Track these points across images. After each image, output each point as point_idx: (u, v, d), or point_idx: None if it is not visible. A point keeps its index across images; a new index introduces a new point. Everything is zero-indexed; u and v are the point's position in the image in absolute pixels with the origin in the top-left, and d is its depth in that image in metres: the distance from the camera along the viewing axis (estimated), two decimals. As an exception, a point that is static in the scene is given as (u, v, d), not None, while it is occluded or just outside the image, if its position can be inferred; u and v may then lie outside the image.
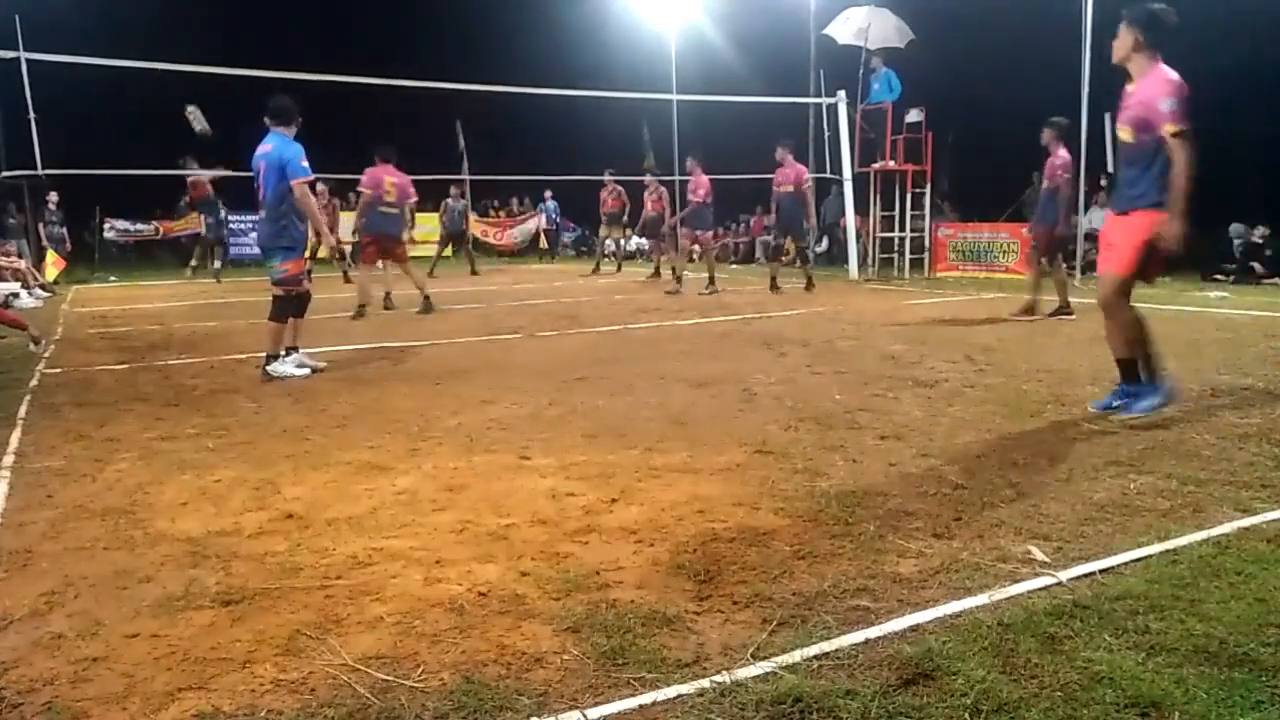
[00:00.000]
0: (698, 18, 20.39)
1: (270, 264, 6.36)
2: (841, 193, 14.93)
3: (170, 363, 6.86)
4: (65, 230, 16.77)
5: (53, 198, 16.24)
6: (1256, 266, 12.43)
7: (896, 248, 14.60)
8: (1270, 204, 13.05)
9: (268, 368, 6.10)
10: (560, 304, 11.09)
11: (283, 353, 6.23)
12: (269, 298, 6.37)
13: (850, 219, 14.75)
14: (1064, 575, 2.58)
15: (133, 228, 20.21)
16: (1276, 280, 12.06)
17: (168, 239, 20.53)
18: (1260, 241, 12.67)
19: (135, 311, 10.84)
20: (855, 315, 9.23)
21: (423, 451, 4.13)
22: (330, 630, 2.36)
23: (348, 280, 10.10)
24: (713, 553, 2.81)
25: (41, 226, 16.22)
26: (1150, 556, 2.70)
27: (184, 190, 18.24)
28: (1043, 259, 9.10)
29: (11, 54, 9.94)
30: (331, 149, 8.90)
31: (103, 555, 2.93)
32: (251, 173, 6.35)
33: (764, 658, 2.15)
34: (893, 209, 14.46)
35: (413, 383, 5.88)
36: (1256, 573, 2.56)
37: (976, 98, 16.57)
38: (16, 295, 11.99)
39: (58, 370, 6.56)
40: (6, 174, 12.65)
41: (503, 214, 24.16)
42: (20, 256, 14.25)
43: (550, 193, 23.33)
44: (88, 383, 6.06)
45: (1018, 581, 2.55)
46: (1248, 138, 14.43)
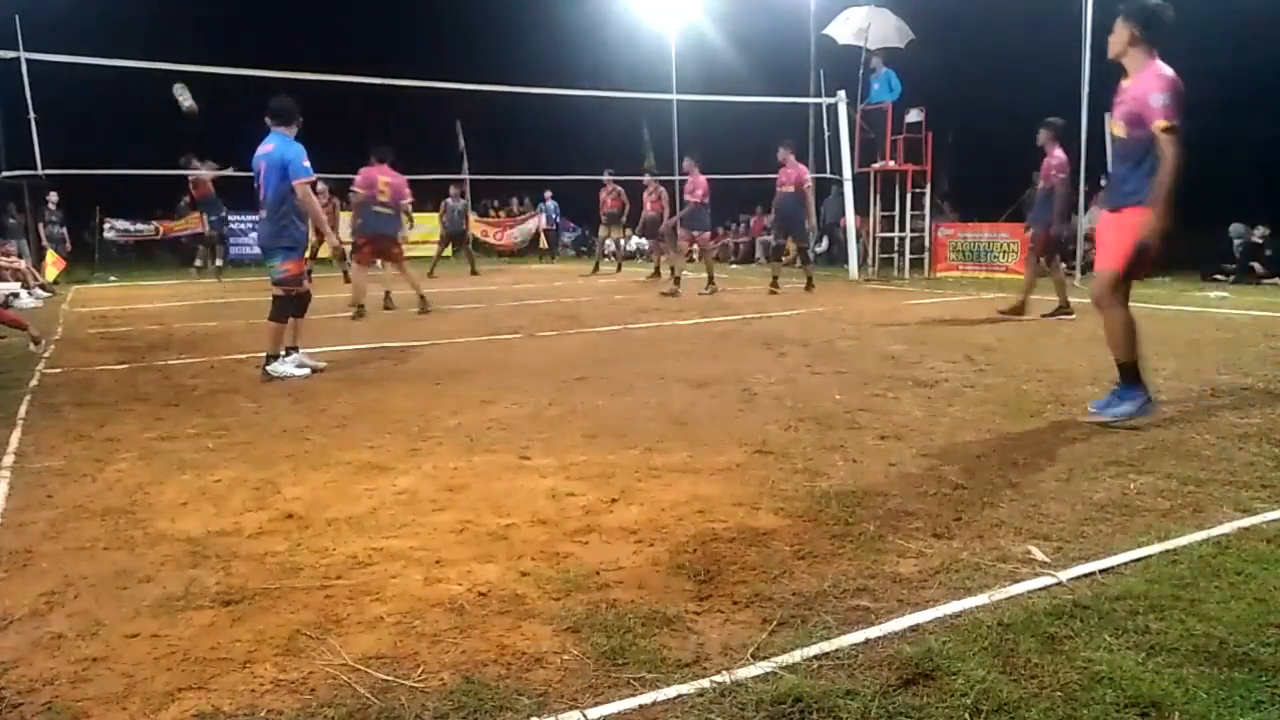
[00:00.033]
0: (698, 18, 20.41)
1: (270, 264, 6.37)
2: (841, 193, 14.93)
3: (170, 363, 6.86)
4: (65, 230, 16.77)
5: (52, 198, 16.24)
6: (1256, 266, 12.43)
7: (896, 248, 14.61)
8: (1270, 204, 13.05)
9: (268, 368, 6.10)
10: (560, 304, 11.09)
11: (283, 353, 6.24)
12: (269, 298, 6.38)
13: (850, 219, 14.75)
14: (1064, 575, 2.57)
15: (133, 228, 20.21)
16: (1276, 280, 12.05)
17: (168, 239, 20.54)
18: (1260, 241, 12.67)
19: (135, 311, 10.84)
20: (855, 315, 9.23)
21: (423, 451, 4.13)
22: (330, 630, 2.36)
23: (348, 280, 10.09)
24: (713, 553, 2.81)
25: (41, 226, 16.22)
26: (1150, 556, 2.70)
27: (184, 190, 18.26)
28: (1040, 260, 9.11)
29: (11, 54, 9.94)
30: (332, 149, 8.90)
31: (103, 555, 2.93)
32: (252, 173, 6.36)
33: (764, 658, 2.15)
34: (893, 209, 14.46)
35: (413, 383, 5.89)
36: (1256, 573, 2.56)
37: (976, 98, 16.58)
38: (16, 295, 11.99)
39: (58, 370, 6.56)
40: (6, 174, 12.65)
41: (503, 214, 24.17)
42: (20, 256, 14.25)
43: (550, 193, 23.34)
44: (88, 383, 6.06)
45: (1018, 581, 2.55)
46: (1248, 138, 14.44)
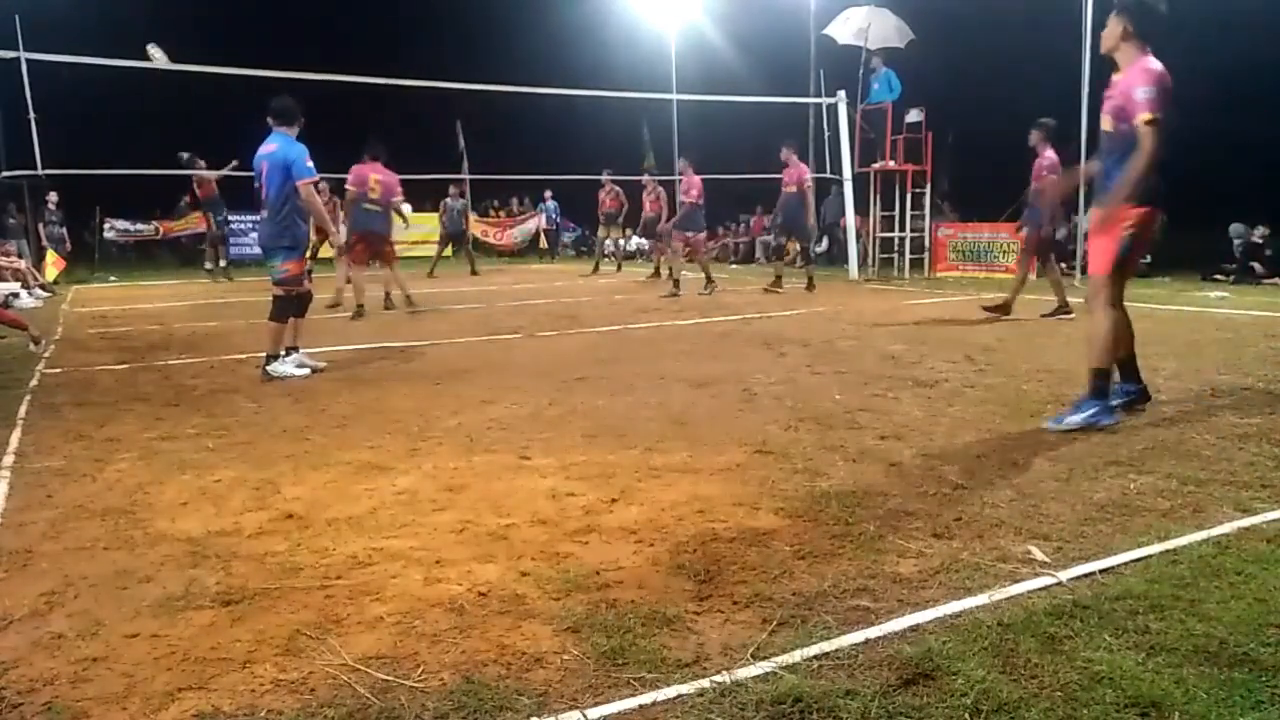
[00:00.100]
0: (698, 18, 20.41)
1: (271, 264, 6.36)
2: (841, 193, 14.92)
3: (170, 363, 6.86)
4: (65, 230, 16.77)
5: (52, 198, 16.23)
6: (1256, 266, 12.43)
7: (896, 248, 14.61)
8: (1270, 204, 13.06)
9: (268, 368, 6.10)
10: (560, 304, 11.09)
11: (283, 353, 6.24)
12: (269, 297, 6.38)
13: (850, 219, 14.75)
14: (1064, 575, 2.58)
15: (133, 228, 20.20)
16: (1276, 280, 12.05)
17: (168, 239, 20.53)
18: (1260, 241, 12.66)
19: (135, 311, 10.84)
20: (855, 315, 9.23)
21: (423, 451, 4.13)
22: (330, 630, 2.36)
23: (348, 281, 10.09)
24: (713, 553, 2.81)
25: (41, 226, 16.21)
26: (1150, 556, 2.70)
27: (184, 190, 18.26)
28: (1035, 261, 9.11)
29: (11, 54, 9.95)
30: (332, 149, 8.89)
31: (103, 555, 2.93)
32: (253, 172, 6.36)
33: (764, 658, 2.15)
34: (893, 209, 14.46)
35: (413, 383, 5.88)
36: (1256, 573, 2.56)
37: (976, 98, 16.59)
38: (16, 295, 11.98)
39: (58, 370, 6.56)
40: (6, 174, 12.64)
41: (503, 214, 24.16)
42: (20, 256, 14.24)
43: (550, 193, 23.34)
44: (88, 383, 6.06)
45: (1018, 581, 2.55)
46: (1248, 138, 14.45)
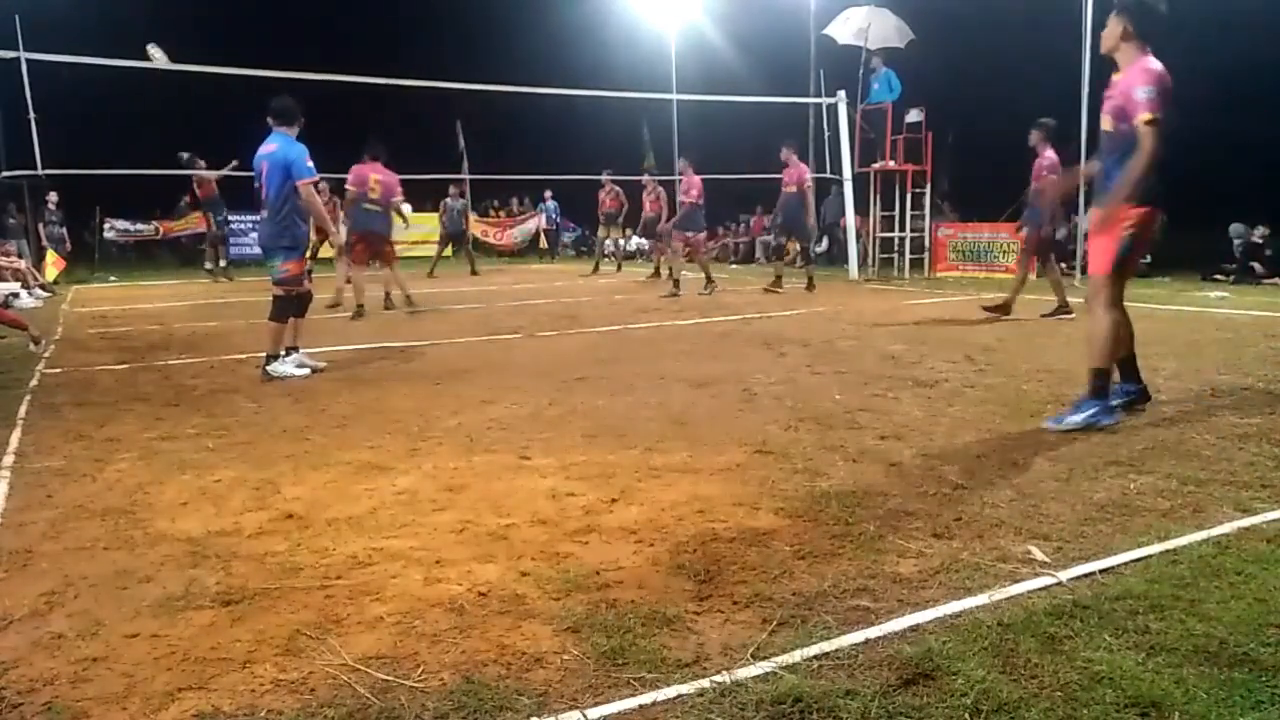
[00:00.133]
0: (698, 18, 20.41)
1: (271, 264, 6.36)
2: (841, 193, 14.93)
3: (170, 363, 6.86)
4: (65, 230, 16.76)
5: (52, 198, 16.23)
6: (1256, 266, 12.43)
7: (896, 248, 14.61)
8: (1270, 204, 13.06)
9: (268, 368, 6.10)
10: (560, 304, 11.08)
11: (283, 353, 6.24)
12: (269, 297, 6.38)
13: (850, 219, 14.75)
14: (1064, 575, 2.58)
15: (133, 228, 20.19)
16: (1276, 280, 12.05)
17: (168, 239, 20.52)
18: (1260, 241, 12.66)
19: (135, 311, 10.84)
20: (855, 315, 9.23)
21: (423, 451, 4.13)
22: (330, 630, 2.36)
23: (348, 280, 10.09)
24: (713, 553, 2.81)
25: (41, 226, 16.21)
26: (1150, 556, 2.70)
27: (183, 190, 18.25)
28: (1035, 261, 9.10)
29: (11, 54, 9.94)
30: (331, 149, 8.89)
31: (103, 555, 2.93)
32: (253, 172, 6.36)
33: (764, 658, 2.15)
34: (893, 209, 14.46)
35: (413, 383, 5.88)
36: (1256, 573, 2.56)
37: (976, 98, 16.60)
38: (16, 295, 11.98)
39: (58, 370, 6.56)
40: (6, 174, 12.64)
41: (503, 214, 24.16)
42: (20, 256, 14.24)
43: (550, 193, 23.34)
44: (88, 383, 6.06)
45: (1018, 581, 2.55)
46: (1248, 138, 14.45)
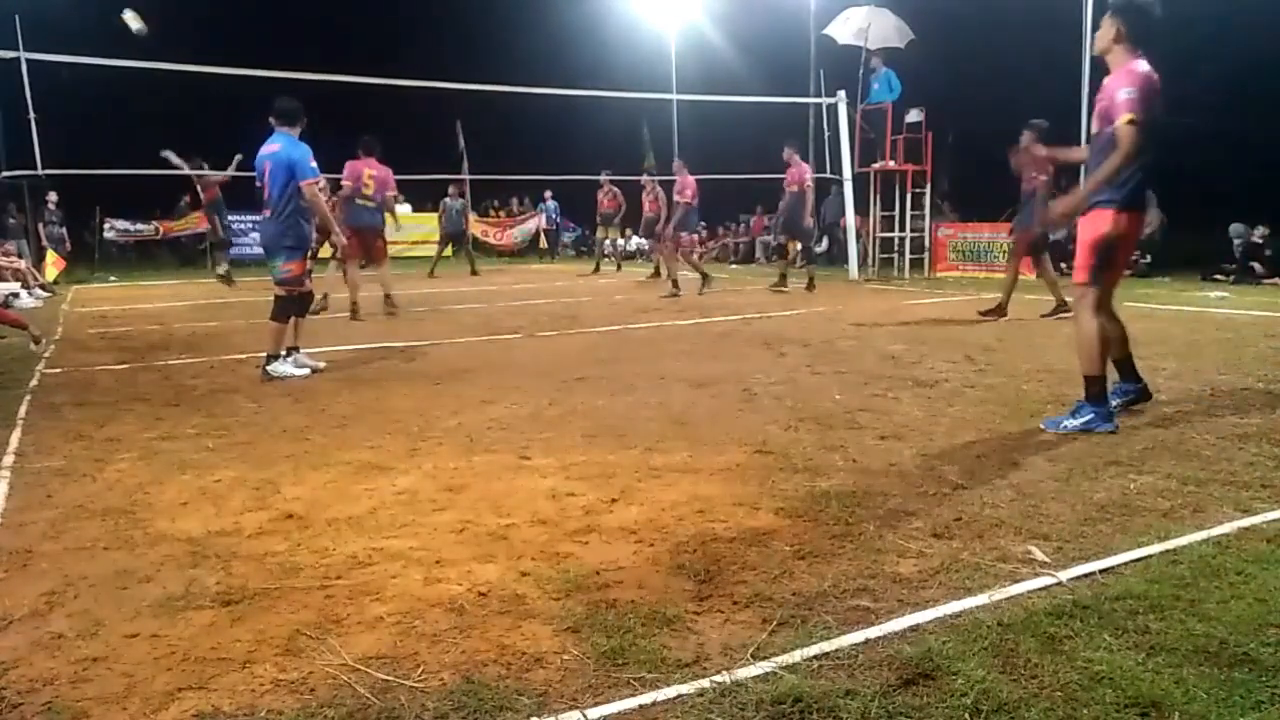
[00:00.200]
0: (698, 18, 20.43)
1: (273, 263, 6.36)
2: (841, 193, 14.93)
3: (170, 363, 6.86)
4: (65, 230, 16.77)
5: (52, 197, 16.24)
6: (1256, 266, 12.42)
7: (896, 248, 14.61)
8: (1270, 204, 13.05)
9: (268, 368, 6.10)
10: (560, 304, 11.08)
11: (283, 353, 6.24)
12: (270, 297, 6.37)
13: (850, 219, 14.75)
14: (1064, 575, 2.58)
15: (133, 228, 20.19)
16: (1276, 280, 12.05)
17: (168, 239, 20.53)
18: (1260, 241, 12.66)
19: (135, 311, 10.84)
20: (855, 315, 9.22)
21: (423, 451, 4.13)
22: (330, 630, 2.36)
23: (344, 279, 10.07)
24: (713, 553, 2.81)
25: (41, 226, 16.21)
26: (1150, 556, 2.70)
27: (184, 190, 18.24)
28: (1028, 262, 9.08)
29: (11, 54, 9.94)
30: (331, 149, 8.89)
31: (103, 555, 2.93)
32: (255, 172, 6.36)
33: (764, 658, 2.15)
34: (893, 209, 14.46)
35: (413, 383, 5.88)
36: (1256, 573, 2.56)
37: (976, 98, 16.58)
38: (16, 295, 11.98)
39: (58, 370, 6.56)
40: (6, 174, 12.64)
41: (503, 214, 24.17)
42: (20, 256, 14.25)
43: (550, 193, 23.35)
44: (88, 383, 6.06)
45: (1018, 581, 2.55)
46: (1248, 138, 14.45)
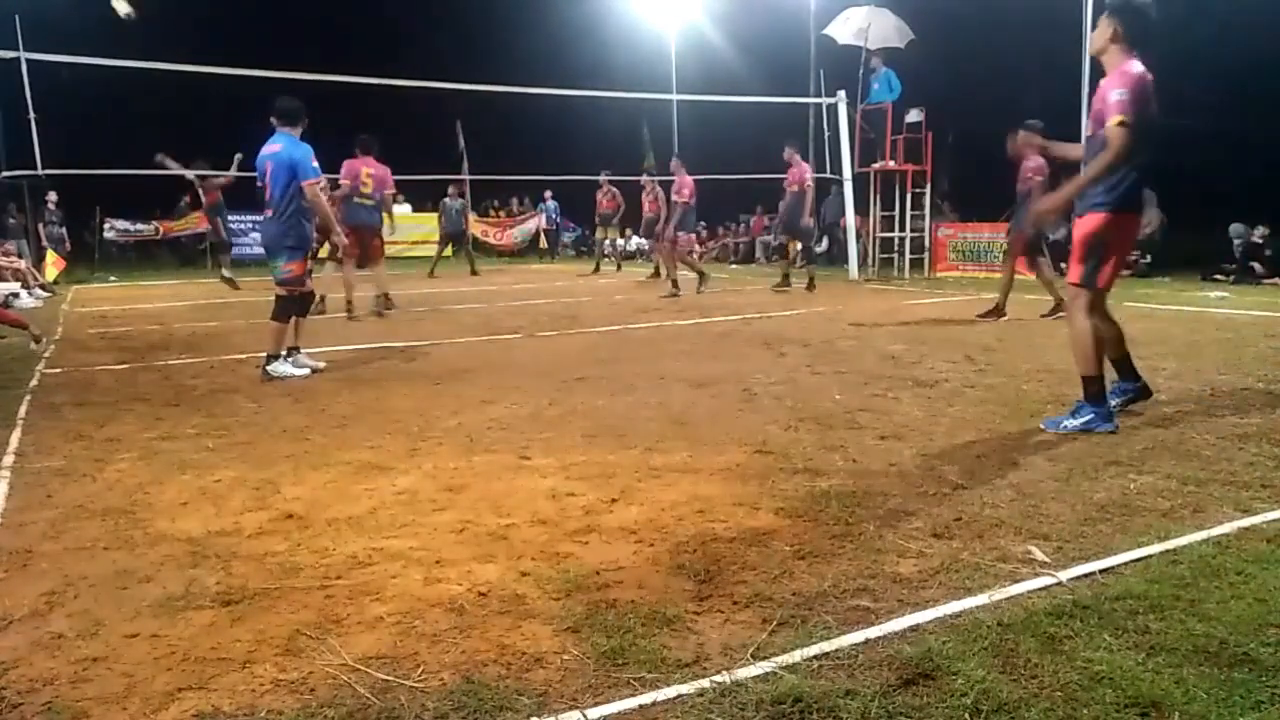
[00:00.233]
0: (698, 18, 20.42)
1: (275, 264, 6.35)
2: (841, 193, 14.93)
3: (170, 363, 6.86)
4: (65, 230, 16.77)
5: (51, 197, 16.23)
6: (1256, 266, 12.43)
7: (896, 248, 14.61)
8: (1270, 204, 13.05)
9: (268, 368, 6.10)
10: (560, 304, 11.09)
11: (284, 353, 6.24)
12: (270, 298, 6.37)
13: (850, 219, 14.75)
14: (1064, 575, 2.57)
15: (133, 228, 20.19)
16: (1276, 280, 12.06)
17: (168, 239, 20.53)
18: (1260, 241, 12.67)
19: (135, 311, 10.84)
20: (855, 315, 9.23)
21: (423, 451, 4.13)
22: (330, 630, 2.36)
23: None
24: (713, 553, 2.81)
25: (41, 226, 16.21)
26: (1150, 556, 2.70)
27: (184, 190, 18.23)
28: (1019, 262, 9.06)
29: (11, 54, 9.94)
30: (330, 149, 8.90)
31: (103, 555, 2.92)
32: (256, 173, 6.35)
33: (764, 658, 2.15)
34: (893, 209, 14.47)
35: (413, 383, 5.88)
36: (1256, 573, 2.56)
37: (976, 98, 16.57)
38: (16, 295, 11.99)
39: (58, 370, 6.56)
40: (6, 174, 12.64)
41: (502, 214, 24.17)
42: (20, 256, 14.25)
43: (550, 193, 23.36)
44: (88, 383, 6.06)
45: (1018, 581, 2.55)
46: (1248, 138, 14.44)
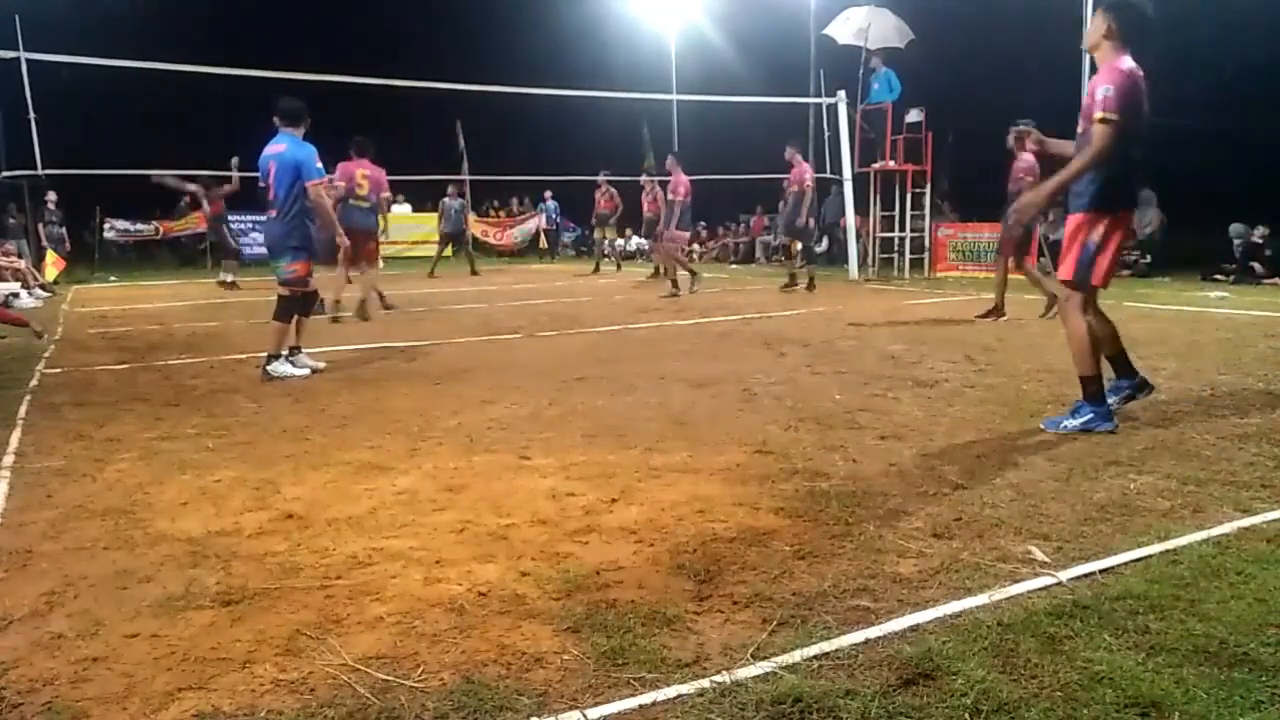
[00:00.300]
0: (698, 18, 20.43)
1: (278, 264, 6.35)
2: (841, 193, 14.93)
3: (170, 363, 6.86)
4: (65, 230, 16.76)
5: (51, 197, 16.22)
6: (1256, 266, 12.43)
7: (896, 248, 14.61)
8: (1270, 204, 13.06)
9: (268, 367, 6.10)
10: (560, 304, 11.09)
11: (284, 353, 6.23)
12: (273, 297, 6.37)
13: (850, 219, 14.75)
14: (1064, 575, 2.57)
15: (133, 228, 20.18)
16: (1276, 280, 12.06)
17: (168, 239, 20.52)
18: (1260, 241, 12.67)
19: (135, 311, 10.84)
20: (855, 315, 9.23)
21: (423, 451, 4.13)
22: (330, 630, 2.36)
23: (349, 280, 10.08)
24: (713, 553, 2.81)
25: (41, 226, 16.20)
26: (1150, 556, 2.70)
27: (183, 190, 18.23)
28: (1013, 262, 9.07)
29: (11, 54, 9.95)
30: (330, 149, 8.90)
31: (103, 555, 2.92)
32: (259, 173, 6.34)
33: (764, 658, 2.15)
34: (893, 209, 14.47)
35: (413, 383, 5.88)
36: (1256, 573, 2.56)
37: (976, 98, 16.58)
38: (16, 295, 11.98)
39: (58, 370, 6.56)
40: (6, 174, 12.65)
41: (502, 214, 24.18)
42: (20, 256, 14.24)
43: (550, 193, 23.36)
44: (88, 383, 6.06)
45: (1018, 581, 2.55)
46: (1248, 138, 14.45)
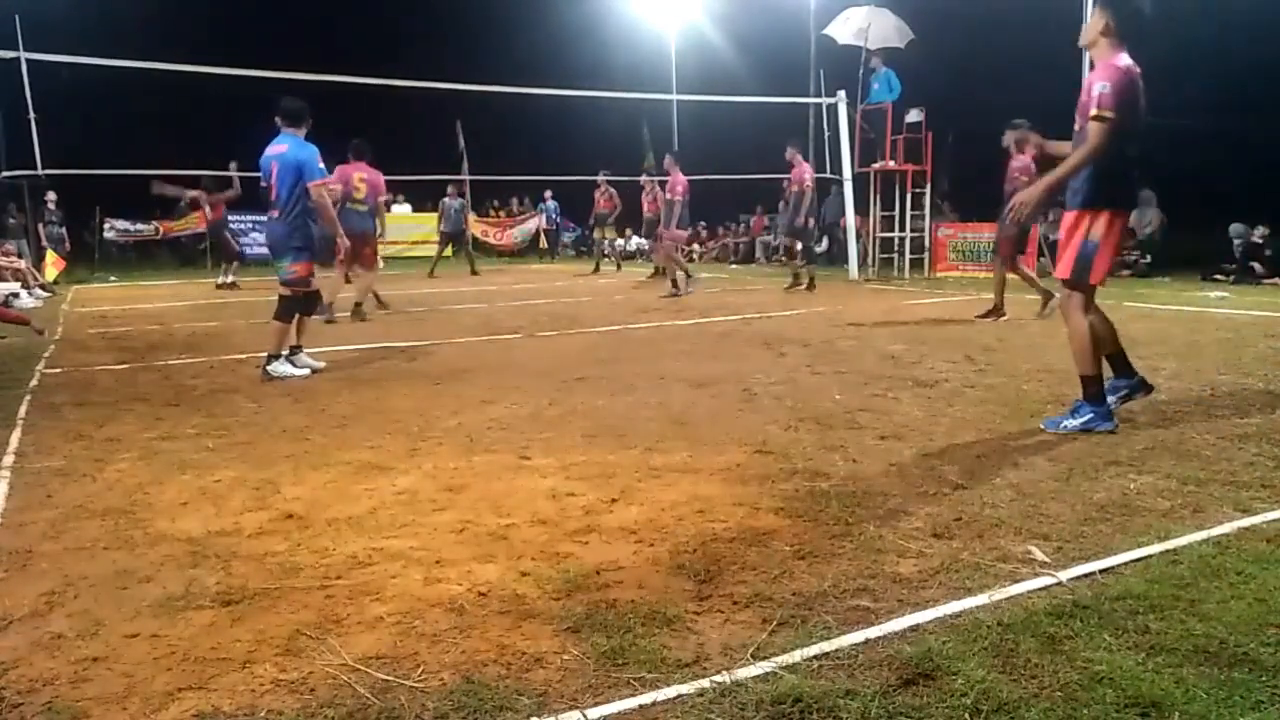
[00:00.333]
0: (698, 18, 20.44)
1: (280, 264, 6.35)
2: (841, 193, 14.94)
3: (170, 363, 6.86)
4: (65, 230, 16.77)
5: (51, 197, 16.22)
6: (1256, 266, 12.43)
7: (896, 248, 14.62)
8: (1270, 204, 13.06)
9: (268, 367, 6.10)
10: (560, 304, 11.09)
11: (285, 353, 6.23)
12: (273, 297, 6.37)
13: (850, 219, 14.76)
14: (1064, 575, 2.57)
15: (133, 228, 20.18)
16: (1276, 280, 12.06)
17: (168, 239, 20.52)
18: (1260, 241, 12.67)
19: (135, 311, 10.84)
20: (855, 315, 9.23)
21: (423, 451, 4.13)
22: (330, 630, 2.36)
23: (348, 281, 10.09)
24: (713, 553, 2.81)
25: (41, 226, 16.21)
26: (1150, 556, 2.70)
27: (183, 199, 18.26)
28: (1007, 262, 9.07)
29: (11, 54, 9.95)
30: (330, 149, 8.91)
31: (103, 555, 2.92)
32: (260, 173, 6.34)
33: (764, 658, 2.15)
34: (893, 209, 14.47)
35: (413, 383, 5.88)
36: (1256, 573, 2.56)
37: (976, 98, 16.57)
38: (16, 295, 11.98)
39: (58, 370, 6.56)
40: (6, 174, 12.65)
41: (502, 214, 24.18)
42: (20, 256, 14.24)
43: (550, 193, 23.37)
44: (88, 383, 6.06)
45: (1018, 581, 2.55)
46: (1248, 138, 14.46)
